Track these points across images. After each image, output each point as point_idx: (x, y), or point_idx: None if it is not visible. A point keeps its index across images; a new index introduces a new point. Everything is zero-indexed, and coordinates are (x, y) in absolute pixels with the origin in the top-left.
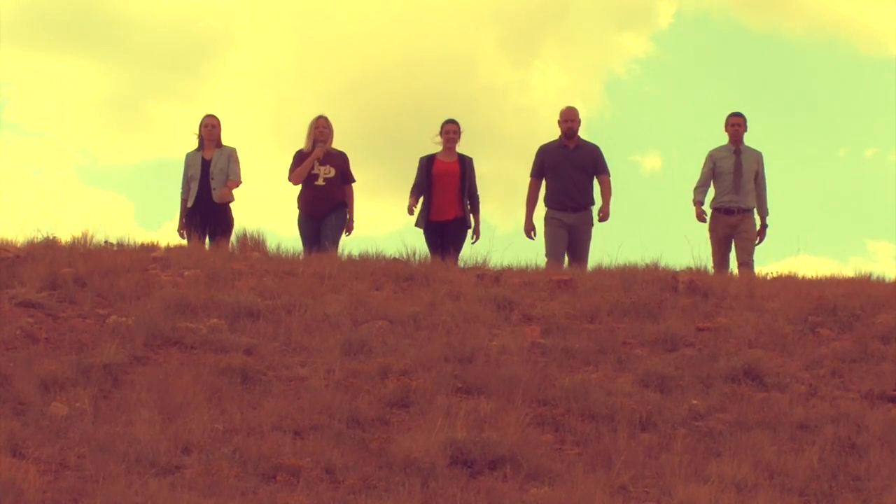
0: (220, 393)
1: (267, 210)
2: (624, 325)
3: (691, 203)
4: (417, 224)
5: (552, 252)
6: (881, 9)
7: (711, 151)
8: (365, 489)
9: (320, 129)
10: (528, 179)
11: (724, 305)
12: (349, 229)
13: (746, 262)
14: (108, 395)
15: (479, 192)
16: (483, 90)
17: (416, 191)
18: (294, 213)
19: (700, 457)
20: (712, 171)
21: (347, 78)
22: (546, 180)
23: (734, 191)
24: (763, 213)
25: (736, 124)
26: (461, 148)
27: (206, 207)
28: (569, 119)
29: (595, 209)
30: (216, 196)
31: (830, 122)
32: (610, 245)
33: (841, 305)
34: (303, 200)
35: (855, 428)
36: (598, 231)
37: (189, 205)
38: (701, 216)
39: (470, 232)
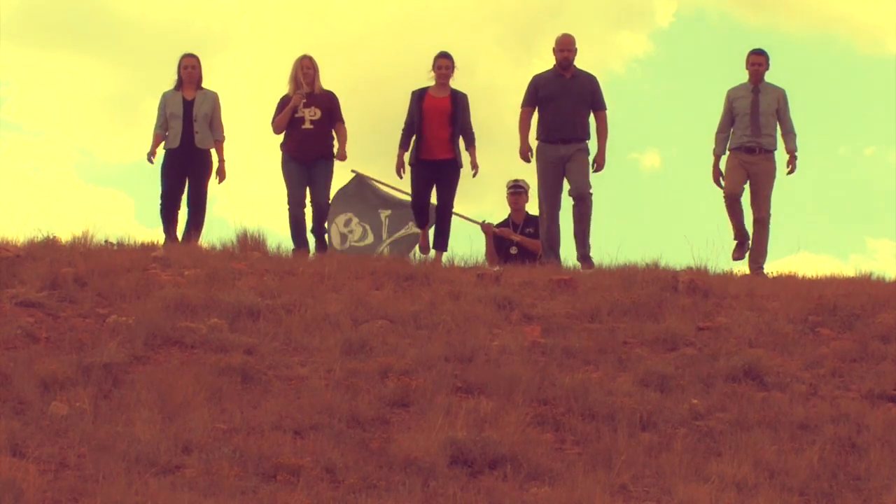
0: (220, 392)
1: (267, 209)
2: (624, 324)
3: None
4: (411, 163)
5: (544, 196)
6: (879, 6)
7: (729, 90)
8: (365, 489)
9: (304, 70)
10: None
11: (725, 305)
12: (340, 157)
13: (762, 218)
14: (109, 395)
15: (479, 189)
16: (483, 89)
17: (407, 132)
18: None
19: (700, 456)
20: (730, 111)
21: (347, 78)
22: (539, 111)
23: (752, 132)
24: (791, 148)
25: (756, 63)
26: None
27: (189, 150)
28: (565, 48)
29: (591, 144)
30: (198, 141)
31: (830, 120)
32: (610, 245)
33: (841, 305)
34: (289, 144)
35: (855, 427)
36: (598, 231)
37: (175, 145)
38: (718, 180)
39: (468, 166)
